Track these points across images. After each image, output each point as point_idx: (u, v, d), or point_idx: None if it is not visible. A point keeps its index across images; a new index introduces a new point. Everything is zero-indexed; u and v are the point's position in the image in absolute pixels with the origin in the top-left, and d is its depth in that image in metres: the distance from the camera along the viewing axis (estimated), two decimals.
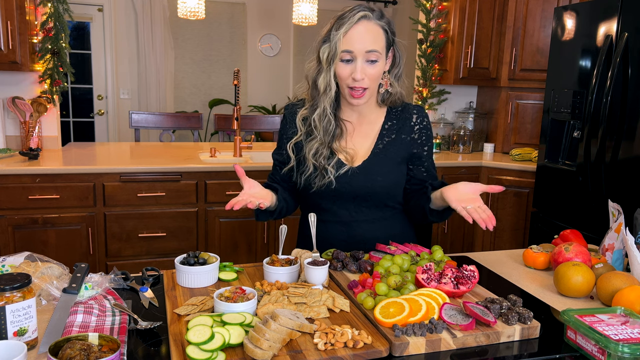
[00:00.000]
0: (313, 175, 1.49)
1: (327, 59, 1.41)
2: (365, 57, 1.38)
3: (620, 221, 1.45)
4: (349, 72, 1.40)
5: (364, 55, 1.38)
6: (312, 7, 4.07)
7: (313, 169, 1.48)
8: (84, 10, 5.43)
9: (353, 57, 1.38)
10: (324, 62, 1.41)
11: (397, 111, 1.56)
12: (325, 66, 1.41)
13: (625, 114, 2.53)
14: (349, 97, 1.44)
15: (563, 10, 2.95)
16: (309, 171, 1.49)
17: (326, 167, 1.47)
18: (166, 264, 2.82)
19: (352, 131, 1.54)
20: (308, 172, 1.49)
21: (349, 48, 1.37)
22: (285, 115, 1.59)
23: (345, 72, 1.40)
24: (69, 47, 3.14)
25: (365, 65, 1.39)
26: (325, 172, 1.47)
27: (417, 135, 1.55)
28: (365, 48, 1.37)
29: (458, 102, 4.17)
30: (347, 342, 0.97)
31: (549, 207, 3.09)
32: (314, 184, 1.49)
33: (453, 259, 1.47)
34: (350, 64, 1.39)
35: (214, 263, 1.27)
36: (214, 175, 2.93)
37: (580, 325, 1.01)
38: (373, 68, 1.40)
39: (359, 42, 1.37)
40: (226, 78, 6.14)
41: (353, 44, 1.37)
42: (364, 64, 1.39)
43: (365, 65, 1.39)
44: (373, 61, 1.39)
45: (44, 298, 1.15)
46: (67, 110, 5.64)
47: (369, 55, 1.38)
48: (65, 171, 2.74)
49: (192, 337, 0.93)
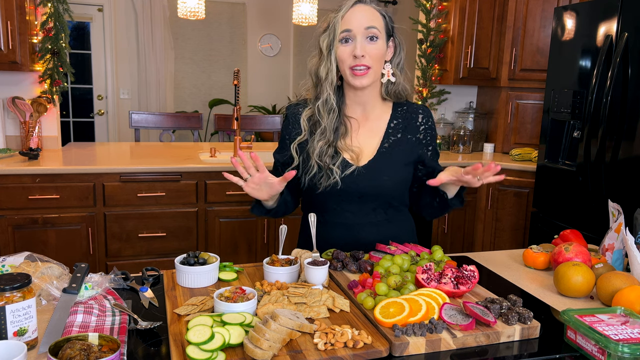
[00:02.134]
0: (318, 176, 1.47)
1: (327, 45, 1.43)
2: (364, 34, 1.40)
3: (620, 221, 1.45)
4: (350, 51, 1.40)
5: (363, 32, 1.39)
6: (312, 7, 4.07)
7: (318, 169, 1.47)
8: (84, 10, 5.43)
9: (352, 35, 1.40)
10: (325, 50, 1.43)
11: (403, 110, 1.56)
12: (326, 53, 1.43)
13: (625, 114, 2.53)
14: (352, 78, 1.43)
15: (563, 10, 2.95)
16: (313, 171, 1.47)
17: (331, 167, 1.45)
18: (166, 264, 2.82)
19: (357, 128, 1.53)
20: (312, 173, 1.48)
21: (348, 27, 1.40)
22: (287, 115, 1.58)
23: (346, 53, 1.41)
24: (69, 47, 3.14)
25: (365, 43, 1.40)
26: (330, 172, 1.46)
27: (422, 135, 1.55)
28: (364, 25, 1.39)
29: (458, 102, 4.17)
30: (347, 342, 0.97)
31: (549, 207, 3.09)
32: (319, 184, 1.47)
33: (453, 259, 1.46)
34: (350, 44, 1.41)
35: (214, 263, 1.27)
36: (214, 175, 2.93)
37: (580, 325, 1.01)
38: (373, 45, 1.41)
39: (357, 19, 1.40)
40: (226, 78, 6.14)
41: (351, 22, 1.40)
42: (364, 41, 1.40)
43: (365, 43, 1.40)
44: (373, 37, 1.40)
45: (44, 298, 1.15)
46: (67, 110, 5.64)
47: (368, 32, 1.40)
48: (65, 171, 2.74)
49: (192, 337, 0.93)
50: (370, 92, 1.50)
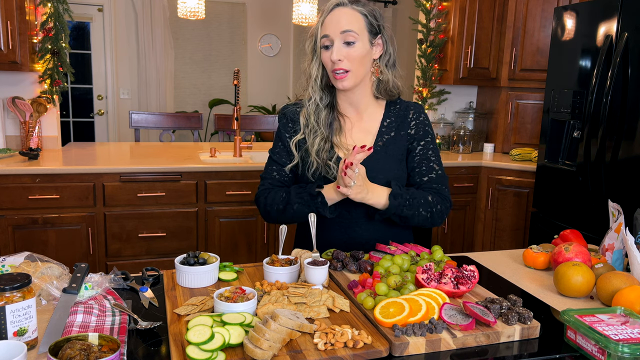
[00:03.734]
0: (317, 172, 1.51)
1: (311, 50, 1.49)
2: (341, 38, 1.42)
3: (620, 221, 1.44)
4: (329, 56, 1.44)
5: (339, 36, 1.42)
6: (312, 7, 4.07)
7: (317, 165, 1.50)
8: (84, 10, 5.43)
9: (330, 41, 1.44)
10: (309, 54, 1.50)
11: (396, 109, 1.57)
12: (311, 57, 1.50)
13: (625, 114, 2.53)
14: (334, 81, 1.48)
15: (563, 10, 2.95)
16: (313, 168, 1.51)
17: (328, 162, 1.49)
18: (166, 264, 2.82)
19: (351, 128, 1.55)
20: (313, 169, 1.51)
21: (326, 33, 1.44)
22: (285, 113, 1.59)
23: (326, 58, 1.46)
24: (69, 47, 3.14)
25: (342, 47, 1.43)
26: (328, 167, 1.49)
27: (413, 130, 1.55)
28: (340, 29, 1.42)
29: (458, 102, 4.17)
30: (347, 342, 0.97)
31: (549, 207, 3.09)
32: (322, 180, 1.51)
33: (453, 259, 1.46)
34: (329, 50, 1.45)
35: (214, 263, 1.27)
36: (214, 175, 2.93)
37: (580, 325, 1.01)
38: (351, 48, 1.43)
39: (333, 25, 1.43)
40: (226, 78, 6.14)
41: (329, 28, 1.44)
42: (341, 45, 1.43)
43: (342, 47, 1.43)
44: (350, 43, 1.43)
45: (44, 298, 1.15)
46: (67, 110, 5.64)
47: (345, 37, 1.42)
48: (65, 171, 2.74)
49: (192, 337, 0.93)
50: (361, 92, 1.53)
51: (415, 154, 1.54)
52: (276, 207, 1.51)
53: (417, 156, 1.54)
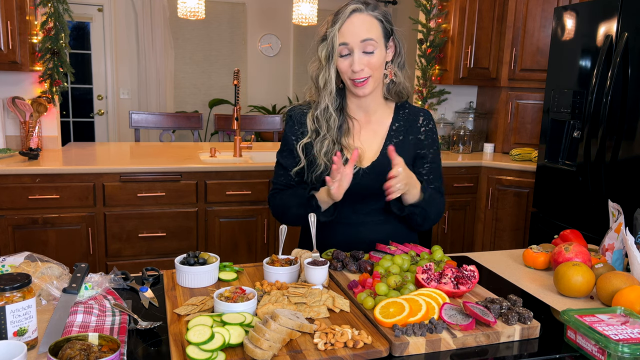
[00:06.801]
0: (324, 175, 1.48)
1: (325, 57, 1.44)
2: (361, 47, 1.41)
3: (620, 221, 1.44)
4: (348, 65, 1.42)
5: (360, 45, 1.40)
6: (312, 7, 4.07)
7: (324, 167, 1.49)
8: (84, 10, 5.43)
9: (350, 49, 1.41)
10: (323, 60, 1.45)
11: (405, 113, 1.57)
12: (325, 64, 1.45)
13: (625, 114, 2.53)
14: (354, 88, 1.46)
15: (563, 10, 2.95)
16: (320, 170, 1.50)
17: None
18: (166, 264, 2.82)
19: (359, 130, 1.55)
20: (319, 171, 1.50)
21: (345, 41, 1.41)
22: (292, 116, 1.58)
23: (345, 66, 1.43)
24: (69, 47, 3.14)
25: (362, 56, 1.41)
26: None
27: (423, 136, 1.57)
28: (360, 38, 1.40)
29: (458, 102, 4.17)
30: (347, 342, 0.97)
31: (549, 207, 3.09)
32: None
33: (453, 259, 1.46)
34: (348, 58, 1.42)
35: (214, 263, 1.27)
36: (214, 175, 2.93)
37: (580, 325, 1.01)
38: (371, 57, 1.42)
39: (353, 33, 1.40)
40: (226, 78, 6.14)
41: (348, 36, 1.40)
42: (361, 54, 1.41)
43: (362, 56, 1.41)
44: (370, 52, 1.41)
45: (44, 298, 1.15)
46: (67, 110, 5.64)
47: (365, 46, 1.40)
48: (65, 171, 2.74)
49: (192, 337, 0.93)
50: (373, 95, 1.52)
51: (426, 161, 1.57)
52: (280, 210, 1.56)
53: (427, 164, 1.57)
